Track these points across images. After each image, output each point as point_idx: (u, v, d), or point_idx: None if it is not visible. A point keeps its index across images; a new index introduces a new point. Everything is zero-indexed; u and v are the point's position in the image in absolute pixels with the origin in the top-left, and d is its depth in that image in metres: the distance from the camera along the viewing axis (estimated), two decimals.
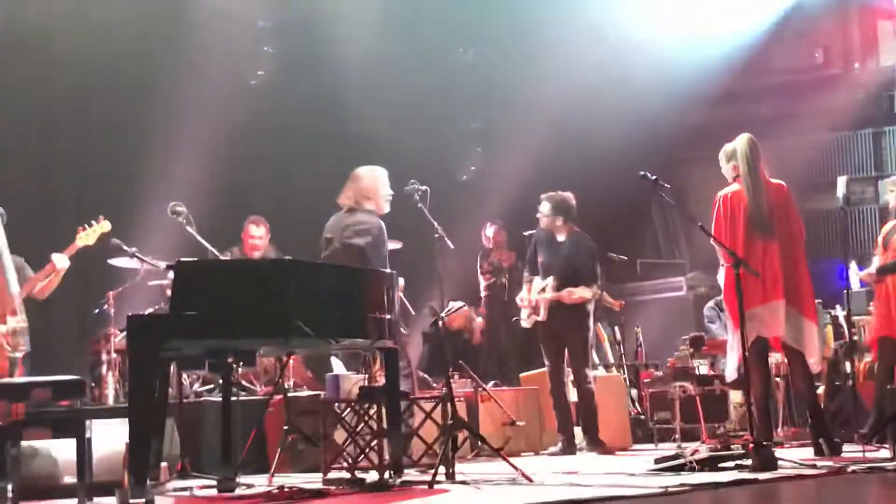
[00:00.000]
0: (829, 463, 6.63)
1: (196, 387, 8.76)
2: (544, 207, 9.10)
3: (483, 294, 11.74)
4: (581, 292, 8.81)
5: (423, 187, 7.79)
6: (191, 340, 5.69)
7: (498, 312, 11.67)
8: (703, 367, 9.72)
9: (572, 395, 9.01)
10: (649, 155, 11.19)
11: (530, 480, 6.25)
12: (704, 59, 12.09)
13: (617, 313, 10.69)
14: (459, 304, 10.41)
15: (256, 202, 10.50)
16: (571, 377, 9.00)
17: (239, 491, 6.33)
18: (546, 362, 9.02)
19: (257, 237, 9.66)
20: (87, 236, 7.94)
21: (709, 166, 7.86)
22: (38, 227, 9.41)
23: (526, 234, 9.54)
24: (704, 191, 7.76)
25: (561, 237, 9.07)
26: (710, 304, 10.70)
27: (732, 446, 6.78)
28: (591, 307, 9.00)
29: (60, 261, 7.84)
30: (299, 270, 5.97)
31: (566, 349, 8.96)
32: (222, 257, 8.69)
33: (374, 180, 7.86)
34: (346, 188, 7.88)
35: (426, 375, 9.71)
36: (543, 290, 8.95)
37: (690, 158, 12.46)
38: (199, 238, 8.27)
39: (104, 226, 8.01)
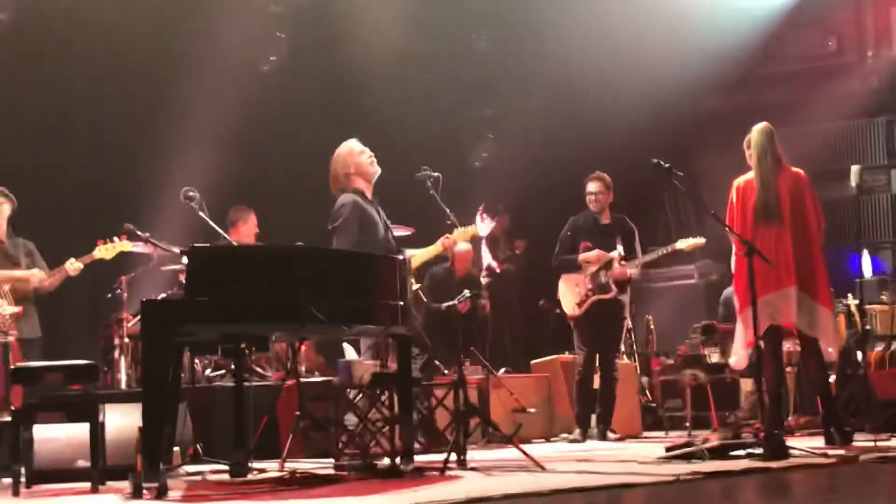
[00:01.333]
0: (841, 452, 6.63)
1: (208, 372, 8.79)
2: (596, 187, 8.94)
3: (483, 282, 11.63)
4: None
5: (436, 174, 7.73)
6: (205, 325, 5.70)
7: (504, 301, 11.60)
8: (714, 356, 9.70)
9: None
10: (662, 141, 11.16)
11: (542, 467, 6.26)
12: (718, 45, 12.04)
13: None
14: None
15: (268, 188, 10.50)
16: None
17: (251, 476, 6.35)
18: (580, 349, 8.91)
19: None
20: (105, 250, 8.08)
21: (722, 153, 7.85)
22: (52, 212, 9.45)
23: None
24: (718, 177, 7.74)
25: (606, 219, 9.01)
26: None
27: (743, 435, 6.78)
28: (628, 297, 8.97)
29: (74, 270, 7.98)
30: (312, 256, 5.97)
31: (600, 337, 8.87)
32: (234, 243, 8.69)
33: (333, 164, 7.42)
34: None
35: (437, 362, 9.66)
36: (607, 265, 8.82)
37: (704, 145, 12.43)
38: (211, 223, 8.27)
39: (125, 245, 8.14)
